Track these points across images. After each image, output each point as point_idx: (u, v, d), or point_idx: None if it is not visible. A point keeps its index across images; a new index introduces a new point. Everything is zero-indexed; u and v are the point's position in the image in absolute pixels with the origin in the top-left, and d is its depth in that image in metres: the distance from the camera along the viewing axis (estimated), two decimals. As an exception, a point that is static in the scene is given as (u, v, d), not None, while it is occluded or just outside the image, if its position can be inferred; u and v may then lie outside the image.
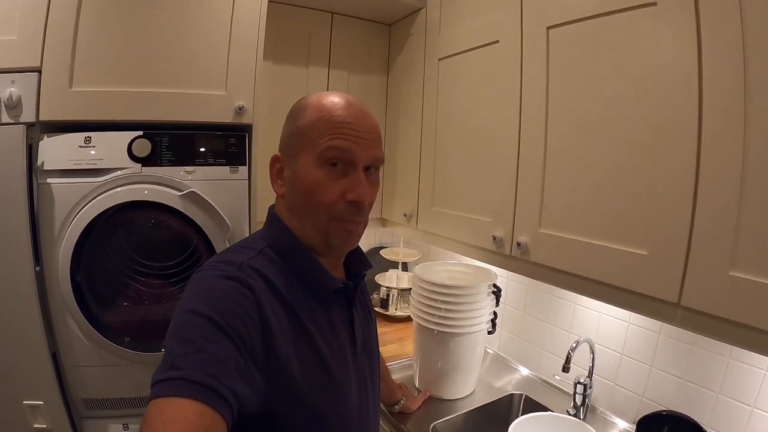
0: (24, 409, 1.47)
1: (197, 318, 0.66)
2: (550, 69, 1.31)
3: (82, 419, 1.59)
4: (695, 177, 0.98)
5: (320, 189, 0.80)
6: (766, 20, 0.85)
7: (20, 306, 1.42)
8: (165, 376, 0.62)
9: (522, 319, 1.93)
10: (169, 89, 1.54)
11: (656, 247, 1.06)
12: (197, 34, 1.55)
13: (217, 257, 0.81)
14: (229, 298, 0.70)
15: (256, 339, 0.69)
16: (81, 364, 1.53)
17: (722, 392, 1.27)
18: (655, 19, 1.04)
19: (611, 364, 1.56)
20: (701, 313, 0.99)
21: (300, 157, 0.81)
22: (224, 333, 0.65)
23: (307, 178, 0.80)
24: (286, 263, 0.81)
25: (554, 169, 1.32)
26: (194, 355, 0.63)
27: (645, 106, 1.08)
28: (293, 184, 0.82)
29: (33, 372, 1.47)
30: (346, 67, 2.05)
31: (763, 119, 0.87)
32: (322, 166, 0.80)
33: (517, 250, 1.42)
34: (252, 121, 1.64)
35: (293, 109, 0.87)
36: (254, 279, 0.73)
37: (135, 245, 1.57)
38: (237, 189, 1.62)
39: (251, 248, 0.81)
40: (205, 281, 0.73)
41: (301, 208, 0.82)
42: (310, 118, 0.81)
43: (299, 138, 0.82)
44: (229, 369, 0.64)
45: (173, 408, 0.59)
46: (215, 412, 0.60)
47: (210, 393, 0.60)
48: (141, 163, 1.50)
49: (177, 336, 0.66)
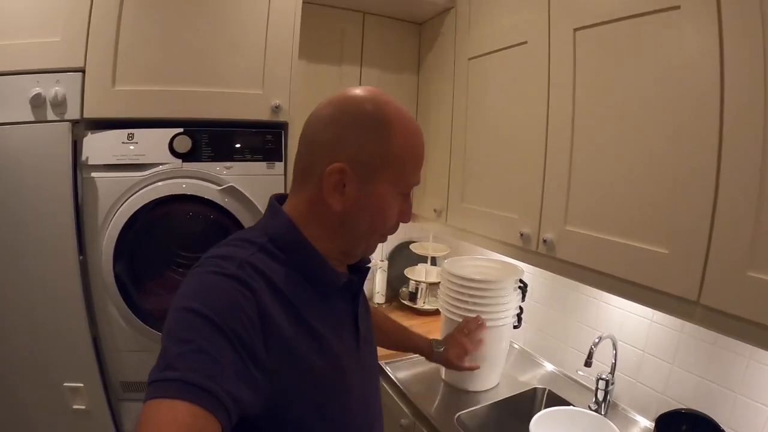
0: (64, 391, 1.55)
1: (195, 317, 0.65)
2: (577, 70, 1.33)
3: (119, 401, 1.67)
4: (716, 179, 1.00)
5: (391, 213, 0.82)
6: None
7: (65, 293, 1.50)
8: (161, 376, 0.61)
9: (547, 314, 1.96)
10: (208, 88, 1.61)
11: (677, 247, 1.09)
12: (235, 34, 1.61)
13: (215, 251, 0.77)
14: (227, 297, 0.67)
15: (256, 339, 0.67)
16: (120, 348, 1.61)
17: (742, 393, 1.28)
18: (678, 22, 1.06)
19: (633, 361, 1.58)
20: (719, 312, 1.01)
21: (380, 181, 0.78)
22: (222, 333, 0.64)
23: (382, 204, 0.80)
24: (289, 258, 0.78)
25: (580, 168, 1.35)
26: (191, 356, 0.62)
27: (668, 107, 1.10)
28: (360, 204, 0.78)
29: (74, 356, 1.55)
30: (379, 65, 2.11)
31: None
32: (397, 195, 0.82)
33: (543, 246, 1.46)
34: (288, 119, 1.71)
35: (369, 120, 0.77)
36: (254, 278, 0.71)
37: (175, 237, 1.66)
38: (273, 184, 1.69)
39: (252, 242, 0.78)
40: (204, 278, 0.71)
41: (359, 225, 0.81)
42: (399, 145, 0.78)
43: (383, 162, 0.78)
44: (226, 371, 0.62)
45: (168, 410, 0.57)
46: (210, 415, 0.59)
47: (206, 395, 0.59)
48: (182, 159, 1.59)
49: (174, 335, 0.65)
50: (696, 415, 1.31)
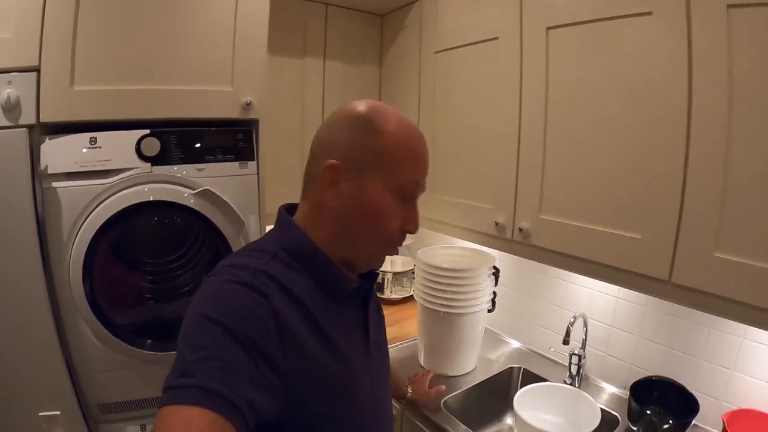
0: (40, 422, 1.44)
1: (210, 324, 0.65)
2: (549, 66, 1.40)
3: (98, 424, 1.58)
4: (684, 170, 1.11)
5: (388, 216, 0.81)
6: (749, 33, 0.97)
7: (32, 315, 1.39)
8: (178, 382, 0.61)
9: (516, 297, 2.06)
10: (176, 86, 1.53)
11: (649, 232, 1.20)
12: (202, 28, 1.54)
13: (229, 260, 0.79)
14: (242, 304, 0.69)
15: (271, 344, 0.68)
16: (96, 369, 1.52)
17: (704, 358, 1.42)
18: (650, 27, 1.14)
19: (602, 335, 1.71)
20: (690, 289, 1.13)
21: (372, 177, 0.79)
22: (237, 340, 0.65)
23: (377, 202, 0.80)
24: (301, 266, 0.80)
25: (553, 159, 1.43)
26: (207, 363, 0.62)
27: (639, 104, 1.19)
28: (355, 201, 0.80)
29: (48, 382, 1.44)
30: (341, 57, 2.10)
31: (745, 119, 1.00)
32: (394, 194, 0.81)
33: (519, 234, 1.53)
34: (259, 116, 1.67)
35: (360, 119, 0.81)
36: (268, 286, 0.72)
37: (147, 245, 1.59)
38: (247, 184, 1.65)
39: (264, 251, 0.80)
40: (219, 286, 0.72)
41: (358, 228, 0.82)
42: (391, 142, 0.80)
43: (375, 158, 0.79)
44: (242, 377, 0.63)
45: (185, 416, 0.58)
46: (227, 422, 0.59)
47: (223, 402, 0.60)
48: (151, 163, 1.50)
49: (190, 341, 0.66)
50: (665, 381, 1.45)
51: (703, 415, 1.34)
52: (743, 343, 1.34)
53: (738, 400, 1.35)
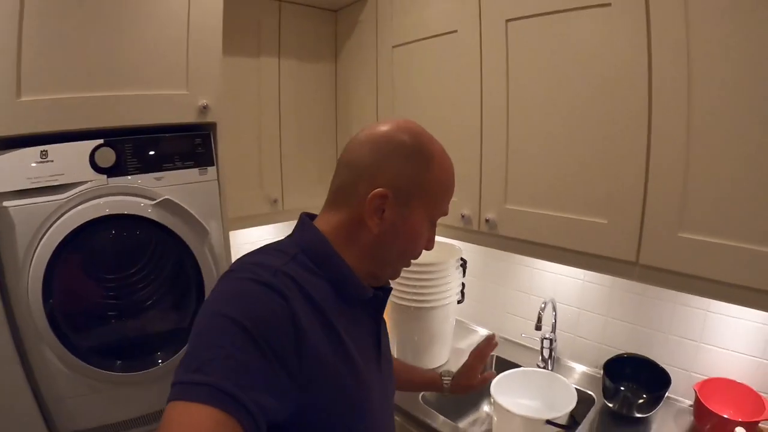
0: None
1: (229, 323, 0.65)
2: (510, 58, 1.42)
3: None
4: (646, 157, 1.15)
5: (420, 241, 0.86)
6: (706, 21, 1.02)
7: None
8: (190, 378, 0.60)
9: (482, 286, 2.09)
10: (129, 91, 1.47)
11: (614, 217, 1.24)
12: (155, 30, 1.48)
13: (249, 258, 0.79)
14: (262, 305, 0.68)
15: (288, 348, 0.68)
16: (65, 395, 1.45)
17: (671, 332, 1.50)
18: (609, 17, 1.17)
19: (571, 318, 1.76)
20: (657, 269, 1.18)
21: (416, 207, 0.83)
22: (255, 342, 0.64)
23: (415, 230, 0.84)
24: (320, 270, 0.80)
25: (517, 150, 1.45)
26: (223, 362, 0.62)
27: (600, 94, 1.23)
28: (396, 228, 0.82)
29: (15, 412, 1.36)
30: (296, 56, 2.06)
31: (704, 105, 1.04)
32: (429, 222, 0.86)
33: (485, 225, 1.56)
34: (216, 119, 1.62)
35: (411, 149, 0.82)
36: (288, 287, 0.72)
37: (107, 260, 1.51)
38: (208, 191, 1.61)
39: (285, 252, 0.80)
40: (239, 285, 0.72)
41: (392, 251, 0.85)
42: (437, 176, 0.84)
43: (422, 190, 0.83)
44: (256, 380, 0.63)
45: (195, 413, 0.58)
46: (237, 423, 0.59)
47: (234, 403, 0.59)
48: (106, 174, 1.43)
49: (207, 338, 0.65)
50: (636, 357, 1.52)
51: (675, 387, 1.41)
52: (707, 316, 1.41)
53: (707, 370, 1.43)
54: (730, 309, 1.37)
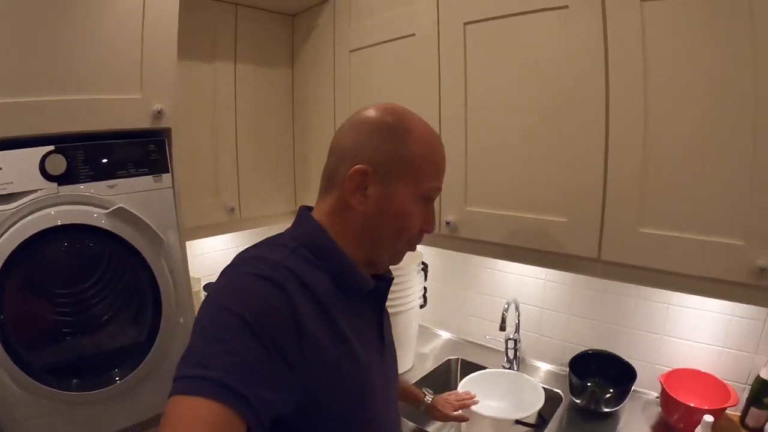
0: None
1: (230, 317, 0.65)
2: (468, 61, 1.43)
3: None
4: (604, 156, 1.18)
5: (412, 220, 0.84)
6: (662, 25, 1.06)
7: None
8: (192, 372, 0.61)
9: (443, 289, 2.08)
10: (79, 96, 1.39)
11: (574, 215, 1.26)
12: (107, 32, 1.42)
13: (250, 252, 0.80)
14: (263, 299, 0.68)
15: (290, 343, 0.68)
16: (21, 418, 1.36)
17: (633, 326, 1.54)
18: (566, 20, 1.20)
19: (534, 318, 1.78)
20: (619, 265, 1.20)
21: (399, 184, 0.82)
22: (257, 337, 0.64)
23: (402, 207, 0.83)
24: (320, 262, 0.80)
25: (476, 153, 1.46)
26: (225, 357, 0.62)
27: (558, 95, 1.25)
28: (381, 205, 0.82)
29: None
30: (253, 60, 2.02)
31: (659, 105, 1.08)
32: (418, 200, 0.84)
33: (446, 228, 1.55)
34: (171, 125, 1.57)
35: (388, 126, 0.83)
36: (289, 281, 0.72)
37: (59, 274, 1.44)
38: (163, 198, 1.55)
39: (285, 246, 0.80)
40: (240, 279, 0.72)
41: (383, 231, 0.84)
42: (418, 151, 0.83)
43: (403, 165, 0.82)
44: (258, 374, 0.63)
45: (197, 407, 0.58)
46: (238, 417, 0.59)
47: (236, 397, 0.59)
48: (57, 182, 1.37)
49: (209, 333, 0.65)
50: (601, 353, 1.55)
51: (641, 380, 1.44)
52: (669, 309, 1.46)
53: (670, 361, 1.47)
54: (691, 301, 1.41)
